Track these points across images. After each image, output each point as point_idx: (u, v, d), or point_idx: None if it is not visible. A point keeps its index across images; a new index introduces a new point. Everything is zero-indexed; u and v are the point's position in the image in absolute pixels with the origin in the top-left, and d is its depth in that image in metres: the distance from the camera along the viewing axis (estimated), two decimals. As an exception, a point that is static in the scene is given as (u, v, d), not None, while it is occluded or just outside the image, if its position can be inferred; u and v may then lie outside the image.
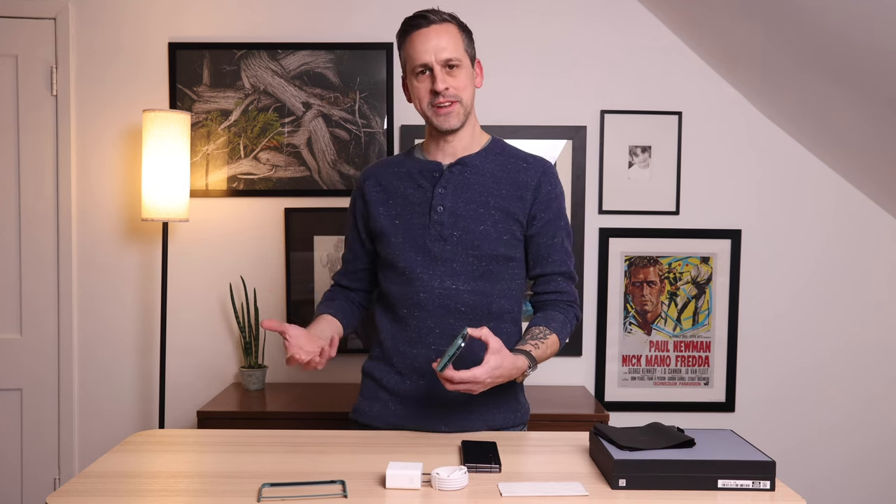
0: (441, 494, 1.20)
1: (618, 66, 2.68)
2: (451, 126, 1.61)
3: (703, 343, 2.73)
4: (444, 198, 1.62)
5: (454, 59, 1.58)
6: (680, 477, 1.22)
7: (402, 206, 1.66)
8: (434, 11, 1.60)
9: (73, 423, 2.69)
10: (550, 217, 1.65)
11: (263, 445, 1.46)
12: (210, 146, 2.66)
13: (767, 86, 2.56)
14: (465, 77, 1.60)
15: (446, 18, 1.60)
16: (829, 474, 2.77)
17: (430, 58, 1.57)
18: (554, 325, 1.62)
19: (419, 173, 1.67)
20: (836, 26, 1.98)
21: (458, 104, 1.60)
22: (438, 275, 1.61)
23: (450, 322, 1.61)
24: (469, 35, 1.64)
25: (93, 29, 2.65)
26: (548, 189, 1.65)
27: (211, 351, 2.71)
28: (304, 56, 2.64)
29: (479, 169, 1.65)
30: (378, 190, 1.70)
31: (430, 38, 1.57)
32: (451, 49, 1.58)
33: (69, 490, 1.21)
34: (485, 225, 1.61)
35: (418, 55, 1.58)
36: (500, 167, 1.66)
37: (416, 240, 1.63)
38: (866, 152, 2.52)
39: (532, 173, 1.65)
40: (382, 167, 1.74)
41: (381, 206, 1.68)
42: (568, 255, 1.69)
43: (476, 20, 2.65)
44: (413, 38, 1.59)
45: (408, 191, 1.67)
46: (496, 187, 1.63)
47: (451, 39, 1.58)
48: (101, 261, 2.69)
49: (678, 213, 2.71)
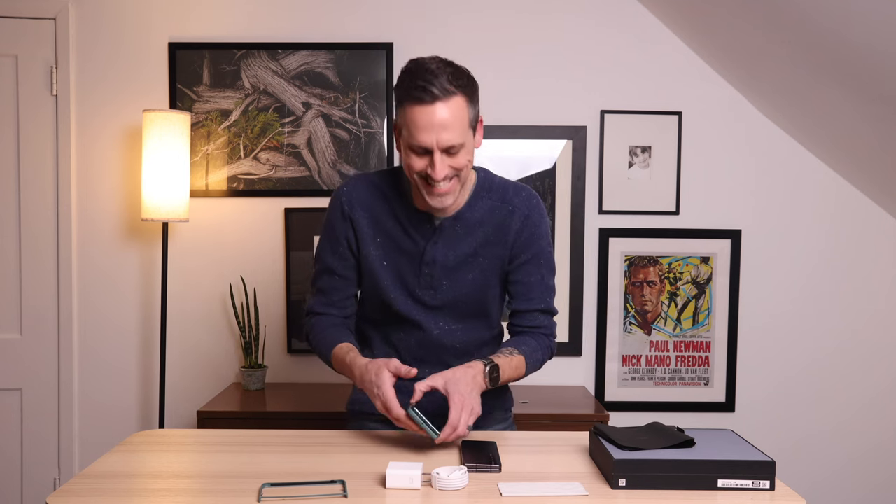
0: (441, 494, 1.20)
1: (618, 66, 2.68)
2: (443, 205, 1.52)
3: (703, 343, 2.73)
4: (436, 252, 1.59)
5: (456, 144, 1.45)
6: (680, 477, 1.22)
7: (390, 250, 1.61)
8: (440, 84, 1.43)
9: (73, 423, 2.69)
10: (530, 257, 1.63)
11: (263, 445, 1.46)
12: (210, 146, 2.66)
13: (767, 86, 2.56)
14: (465, 154, 1.48)
15: (452, 91, 1.44)
16: (828, 474, 2.77)
17: (431, 142, 1.44)
18: (524, 348, 1.61)
19: (409, 223, 1.60)
20: (835, 26, 1.98)
21: (455, 180, 1.50)
22: (433, 318, 1.62)
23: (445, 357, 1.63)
24: (475, 95, 1.50)
25: (93, 29, 2.65)
26: (530, 232, 1.62)
27: (211, 351, 2.71)
28: (304, 56, 2.64)
29: (469, 220, 1.60)
30: (367, 224, 1.61)
31: (434, 117, 1.42)
32: (454, 133, 1.44)
33: (69, 490, 1.21)
34: (473, 273, 1.61)
35: (418, 134, 1.44)
36: (488, 212, 1.61)
37: (405, 286, 1.62)
38: (866, 152, 2.52)
39: (516, 218, 1.61)
40: (368, 195, 1.62)
41: (371, 245, 1.61)
42: (548, 290, 1.67)
43: (476, 20, 2.66)
44: (415, 112, 1.44)
45: (398, 237, 1.60)
46: (483, 235, 1.61)
47: (456, 118, 1.44)
48: (101, 261, 2.69)
49: (678, 213, 2.71)
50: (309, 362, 2.72)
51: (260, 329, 2.67)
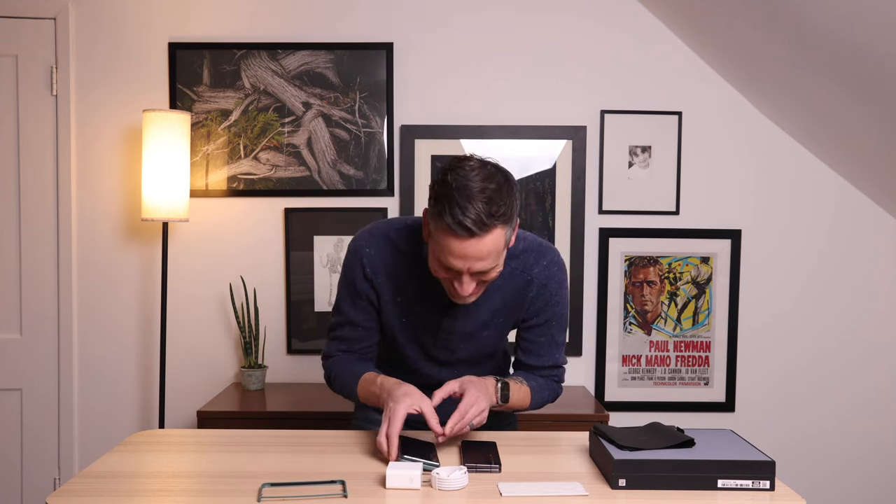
0: (441, 494, 1.20)
1: (618, 66, 2.68)
2: (465, 303, 1.49)
3: (703, 343, 2.73)
4: (454, 322, 1.59)
5: (489, 269, 1.41)
6: (680, 477, 1.22)
7: (409, 313, 1.59)
8: (478, 217, 1.32)
9: (73, 423, 2.69)
10: (542, 322, 1.63)
11: (263, 445, 1.46)
12: (210, 146, 2.66)
13: (767, 86, 2.56)
14: (496, 272, 1.43)
15: (489, 225, 1.33)
16: (828, 474, 2.77)
17: (463, 268, 1.39)
18: (531, 383, 1.62)
19: (429, 294, 1.56)
20: (835, 26, 1.98)
21: (480, 287, 1.47)
22: (445, 369, 1.65)
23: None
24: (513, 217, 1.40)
25: (93, 29, 2.65)
26: (545, 301, 1.61)
27: (211, 351, 2.71)
28: (304, 56, 2.64)
29: (489, 289, 1.56)
30: (389, 288, 1.58)
31: (468, 251, 1.36)
32: (487, 262, 1.38)
33: (69, 490, 1.21)
34: (488, 331, 1.62)
35: (450, 258, 1.38)
36: (507, 279, 1.57)
37: (421, 345, 1.63)
38: (866, 152, 2.52)
39: (534, 287, 1.59)
40: (389, 258, 1.57)
41: (391, 304, 1.59)
42: (557, 347, 1.67)
43: (476, 20, 2.66)
44: (448, 240, 1.36)
45: (418, 303, 1.58)
46: (501, 301, 1.59)
47: (492, 249, 1.37)
48: (101, 261, 2.69)
49: (678, 213, 2.71)
50: (309, 362, 2.72)
51: (260, 329, 2.67)
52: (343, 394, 1.63)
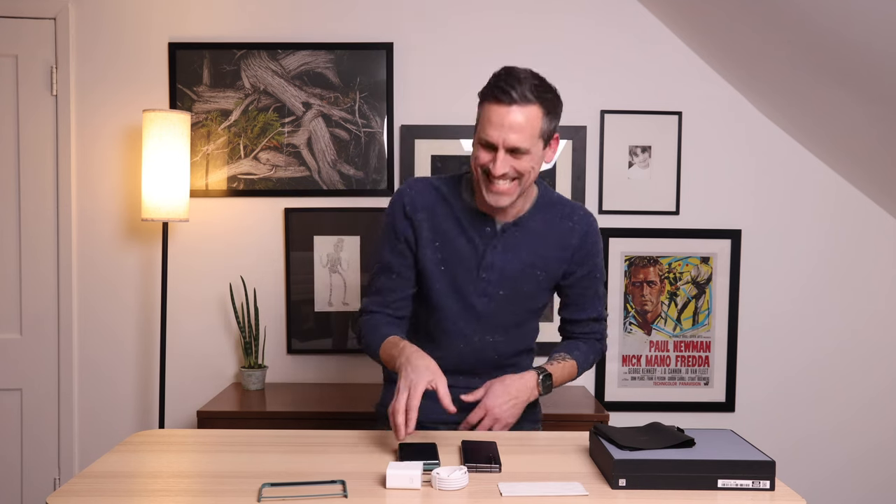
0: (441, 494, 1.20)
1: (618, 66, 2.68)
2: (500, 205, 1.55)
3: (703, 343, 2.73)
4: (495, 257, 1.62)
5: (522, 148, 1.49)
6: (680, 477, 1.22)
7: (449, 253, 1.62)
8: (521, 90, 1.48)
9: (73, 423, 2.69)
10: (586, 272, 1.70)
11: (263, 445, 1.46)
12: (210, 146, 2.66)
13: (767, 86, 2.56)
14: (530, 161, 1.52)
15: (530, 99, 1.48)
16: (828, 474, 2.77)
17: (498, 140, 1.49)
18: (576, 353, 1.71)
19: (471, 226, 1.62)
20: (835, 26, 1.98)
21: (516, 184, 1.54)
22: (479, 330, 1.66)
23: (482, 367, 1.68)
24: (555, 110, 1.54)
25: (93, 29, 2.65)
26: (587, 249, 1.69)
27: (211, 351, 2.71)
28: (304, 56, 2.64)
29: (531, 229, 1.65)
30: (428, 227, 1.62)
31: (505, 118, 1.48)
32: (522, 137, 1.48)
33: (69, 490, 1.21)
34: (529, 285, 1.65)
35: (489, 129, 1.50)
36: (548, 224, 1.66)
37: (459, 291, 1.64)
38: (866, 152, 2.52)
39: (576, 234, 1.67)
40: (430, 199, 1.64)
41: (429, 248, 1.63)
42: (600, 299, 1.75)
43: (476, 20, 2.66)
44: (490, 109, 1.50)
45: (458, 240, 1.62)
46: (544, 248, 1.65)
47: (528, 125, 1.48)
48: (101, 261, 2.69)
49: (678, 213, 2.71)
50: (309, 362, 2.72)
51: (260, 329, 2.67)
52: (368, 353, 1.67)
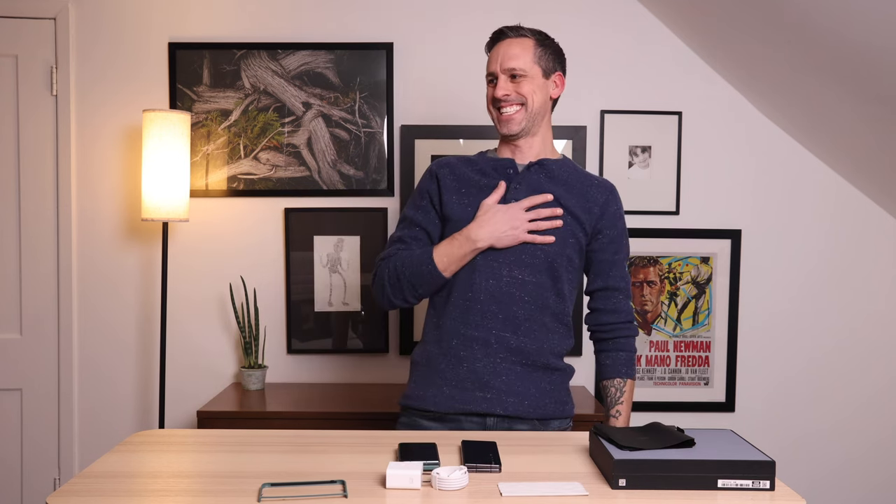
0: (441, 494, 1.20)
1: (618, 65, 2.69)
2: (511, 131, 1.69)
3: (703, 343, 2.73)
4: (519, 193, 1.69)
5: (518, 70, 1.66)
6: (680, 477, 1.22)
7: (475, 196, 1.70)
8: (515, 28, 1.70)
9: (73, 423, 2.69)
10: (616, 234, 1.75)
11: (263, 445, 1.46)
12: (210, 146, 2.66)
13: (767, 86, 2.56)
14: (530, 85, 1.67)
15: (524, 34, 1.69)
16: (828, 474, 2.77)
17: (496, 67, 1.68)
18: (626, 370, 1.76)
19: (493, 169, 1.73)
20: (835, 26, 1.98)
21: (521, 110, 1.68)
22: (507, 263, 1.67)
23: (513, 309, 1.67)
24: (550, 51, 1.71)
25: (93, 29, 2.65)
26: (614, 209, 1.75)
27: (211, 351, 2.71)
28: (304, 56, 2.64)
29: (554, 173, 1.72)
30: (452, 178, 1.74)
31: (501, 49, 1.69)
32: (517, 60, 1.66)
33: (69, 490, 1.21)
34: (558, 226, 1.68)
35: (489, 64, 1.71)
36: (572, 177, 1.74)
37: None
38: (866, 152, 2.52)
39: (601, 191, 1.74)
40: (455, 160, 1.78)
41: (455, 195, 1.72)
42: (627, 273, 1.79)
43: (476, 20, 2.66)
44: (492, 50, 1.72)
45: (482, 182, 1.72)
46: (567, 195, 1.70)
47: (522, 51, 1.67)
48: (101, 261, 2.69)
49: (678, 213, 2.71)
50: (309, 362, 2.72)
51: (260, 329, 2.67)
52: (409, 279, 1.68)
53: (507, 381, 1.66)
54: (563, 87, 1.75)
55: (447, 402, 1.68)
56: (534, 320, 1.69)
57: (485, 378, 1.66)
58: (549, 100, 1.73)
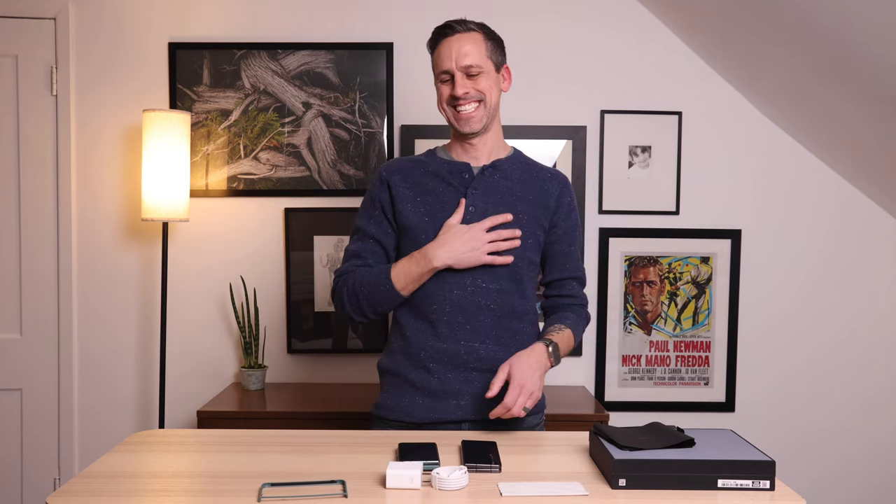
0: (441, 494, 1.20)
1: (618, 66, 2.68)
2: (472, 129, 1.67)
3: (703, 343, 2.73)
4: (476, 198, 1.67)
5: (474, 66, 1.64)
6: (680, 477, 1.22)
7: (431, 204, 1.68)
8: (461, 21, 1.67)
9: (73, 423, 2.69)
10: (569, 226, 1.75)
11: (263, 445, 1.46)
12: (210, 146, 2.66)
13: (767, 86, 2.56)
14: (486, 80, 1.65)
15: (472, 28, 1.67)
16: (828, 474, 2.77)
17: (451, 64, 1.64)
18: (567, 321, 1.70)
19: (449, 173, 1.70)
20: (835, 26, 1.98)
21: (481, 107, 1.66)
22: (470, 273, 1.65)
23: (479, 319, 1.66)
24: (497, 44, 1.70)
25: (93, 29, 2.65)
26: (568, 200, 1.75)
27: (211, 351, 2.71)
28: (304, 56, 2.64)
29: (508, 174, 1.71)
30: (405, 186, 1.70)
31: (453, 46, 1.65)
32: (472, 56, 1.64)
33: (69, 490, 1.21)
34: (512, 227, 1.67)
35: (441, 62, 1.66)
36: (527, 174, 1.73)
37: None
38: (866, 152, 2.52)
39: (555, 184, 1.74)
40: (406, 164, 1.74)
41: (409, 203, 1.68)
42: (581, 262, 1.80)
43: (476, 20, 2.66)
44: (439, 47, 1.68)
45: (438, 189, 1.69)
46: (523, 193, 1.70)
47: (474, 47, 1.65)
48: (101, 261, 2.69)
49: (678, 213, 2.71)
50: (309, 362, 2.72)
51: (260, 329, 2.67)
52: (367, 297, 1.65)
53: (479, 386, 1.65)
54: (510, 80, 1.74)
55: (422, 413, 1.66)
56: (501, 327, 1.67)
57: (457, 387, 1.65)
58: (500, 94, 1.71)
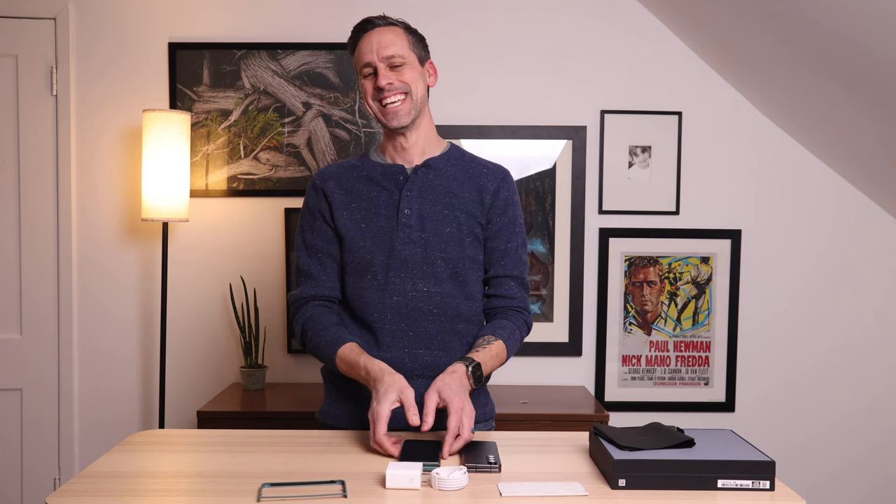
0: (441, 494, 1.20)
1: (618, 66, 2.68)
2: (401, 123, 1.62)
3: (703, 343, 2.73)
4: (411, 200, 1.63)
5: (396, 57, 1.61)
6: (680, 477, 1.22)
7: (366, 210, 1.64)
8: (381, 17, 1.66)
9: (73, 423, 2.69)
10: (505, 222, 1.68)
11: (263, 445, 1.46)
12: (210, 146, 2.66)
13: (767, 86, 2.56)
14: (411, 72, 1.63)
15: (392, 22, 1.65)
16: (828, 474, 2.77)
17: (373, 57, 1.61)
18: (500, 332, 1.62)
19: (382, 176, 1.66)
20: (835, 26, 1.98)
21: (407, 99, 1.62)
22: (410, 277, 1.61)
23: (423, 325, 1.61)
24: (418, 38, 1.68)
25: (93, 29, 2.65)
26: (505, 195, 1.68)
27: (211, 351, 2.71)
28: (304, 56, 2.64)
29: (443, 172, 1.66)
30: (340, 193, 1.65)
31: (373, 38, 1.62)
32: (393, 47, 1.61)
33: (69, 490, 1.21)
34: (450, 227, 1.63)
35: (363, 55, 1.63)
36: (462, 171, 1.68)
37: (384, 242, 1.62)
38: (866, 152, 2.52)
39: (492, 179, 1.68)
40: (339, 170, 1.69)
41: (345, 210, 1.64)
42: (522, 262, 1.70)
43: (476, 20, 2.66)
44: (360, 42, 1.65)
45: (372, 193, 1.64)
46: (459, 190, 1.65)
47: (395, 39, 1.63)
48: (101, 261, 2.69)
49: (678, 213, 2.71)
50: (309, 362, 2.72)
51: (260, 329, 2.67)
52: (315, 354, 1.63)
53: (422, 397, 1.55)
54: (436, 76, 1.71)
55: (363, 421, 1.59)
56: (446, 332, 1.62)
57: None
58: (427, 89, 1.67)
